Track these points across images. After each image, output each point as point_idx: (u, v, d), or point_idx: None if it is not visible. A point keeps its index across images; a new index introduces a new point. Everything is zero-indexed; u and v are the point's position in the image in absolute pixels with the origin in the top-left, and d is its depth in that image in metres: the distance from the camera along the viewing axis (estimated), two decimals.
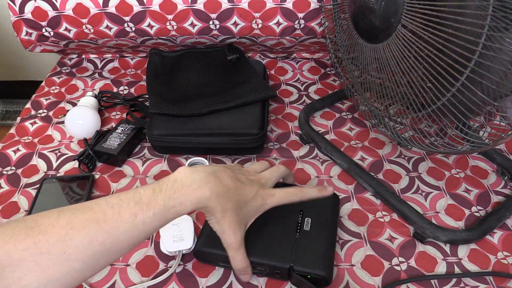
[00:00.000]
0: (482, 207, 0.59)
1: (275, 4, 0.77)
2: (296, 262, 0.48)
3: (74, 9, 0.78)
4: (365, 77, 0.63)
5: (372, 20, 0.54)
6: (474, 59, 0.43)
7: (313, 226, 0.51)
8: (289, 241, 0.50)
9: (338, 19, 0.71)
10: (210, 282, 0.51)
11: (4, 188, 0.63)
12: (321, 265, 0.48)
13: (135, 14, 0.78)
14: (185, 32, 0.81)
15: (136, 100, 0.77)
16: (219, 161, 0.67)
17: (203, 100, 0.69)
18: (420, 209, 0.59)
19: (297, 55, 0.92)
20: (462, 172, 0.65)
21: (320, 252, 0.49)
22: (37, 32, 0.82)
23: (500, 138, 0.45)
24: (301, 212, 0.53)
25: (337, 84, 0.84)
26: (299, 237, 0.50)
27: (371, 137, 0.71)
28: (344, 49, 0.70)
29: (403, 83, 0.53)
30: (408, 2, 0.48)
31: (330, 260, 0.50)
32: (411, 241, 0.55)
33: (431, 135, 0.55)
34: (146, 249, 0.54)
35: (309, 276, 0.47)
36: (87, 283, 0.50)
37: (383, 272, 0.52)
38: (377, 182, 0.61)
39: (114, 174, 0.65)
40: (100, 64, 0.90)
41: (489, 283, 0.50)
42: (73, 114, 0.69)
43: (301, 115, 0.73)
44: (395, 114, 0.60)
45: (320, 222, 0.52)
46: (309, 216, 0.52)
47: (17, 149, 0.69)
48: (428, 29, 0.46)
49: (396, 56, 0.52)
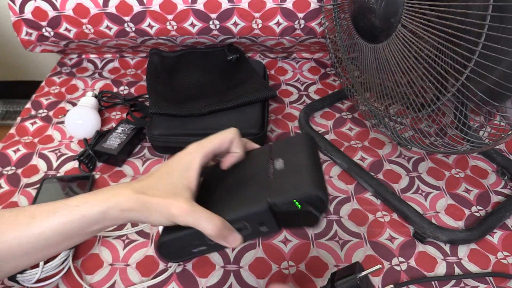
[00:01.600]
0: (482, 207, 0.59)
1: (275, 4, 0.77)
2: (273, 195, 0.36)
3: (74, 9, 0.78)
4: (365, 77, 0.63)
5: (372, 20, 0.54)
6: (474, 59, 0.43)
7: (287, 164, 0.39)
8: (261, 184, 0.38)
9: (338, 19, 0.71)
10: (210, 282, 0.51)
11: (4, 188, 0.63)
12: (308, 184, 0.36)
13: (135, 14, 0.78)
14: (185, 32, 0.81)
15: (136, 100, 0.77)
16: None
17: (203, 100, 0.69)
18: (420, 209, 0.59)
19: (297, 55, 0.92)
20: (462, 172, 0.65)
21: (302, 174, 0.37)
22: (37, 32, 0.82)
23: (500, 138, 0.45)
24: (270, 160, 0.41)
25: (337, 84, 0.84)
26: (273, 177, 0.38)
27: (371, 137, 0.71)
28: (344, 49, 0.70)
29: (403, 83, 0.53)
30: (408, 2, 0.48)
31: (320, 178, 0.37)
32: (411, 241, 0.55)
33: (431, 135, 0.55)
34: (146, 249, 0.54)
35: (299, 206, 0.35)
36: (87, 283, 0.50)
37: (383, 272, 0.52)
38: (377, 182, 0.61)
39: (114, 174, 0.65)
40: (100, 64, 0.90)
41: (489, 283, 0.50)
42: (73, 114, 0.69)
43: (301, 115, 0.73)
44: (395, 114, 0.61)
45: (295, 159, 0.39)
46: (279, 158, 0.40)
47: (17, 149, 0.69)
48: (428, 29, 0.46)
49: (396, 56, 0.52)
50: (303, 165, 0.38)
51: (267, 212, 0.36)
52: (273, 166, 0.39)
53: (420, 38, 0.48)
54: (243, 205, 0.37)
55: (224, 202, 0.39)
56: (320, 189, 0.35)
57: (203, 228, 0.35)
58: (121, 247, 0.54)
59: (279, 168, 0.39)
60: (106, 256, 0.53)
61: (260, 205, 0.36)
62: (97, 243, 0.55)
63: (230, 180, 0.41)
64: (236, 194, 0.39)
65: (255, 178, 0.39)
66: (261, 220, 0.37)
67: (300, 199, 0.35)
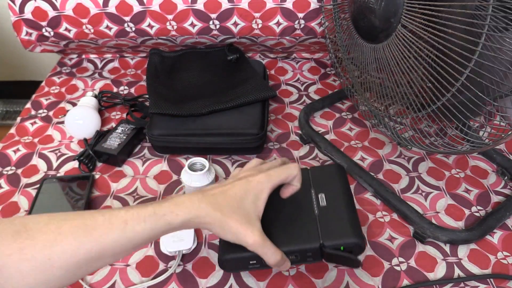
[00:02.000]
0: (482, 207, 0.59)
1: (275, 4, 0.77)
2: (324, 238, 0.45)
3: (74, 9, 0.78)
4: (365, 77, 0.63)
5: (372, 20, 0.54)
6: (474, 59, 0.43)
7: (329, 200, 0.49)
8: (310, 220, 0.47)
9: (338, 19, 0.71)
10: (210, 283, 0.51)
11: (4, 188, 0.63)
12: (351, 233, 0.46)
13: (135, 14, 0.78)
14: (185, 32, 0.81)
15: (136, 100, 0.77)
16: (219, 161, 0.67)
17: (203, 100, 0.69)
18: (420, 209, 0.59)
19: (297, 55, 0.92)
20: (462, 172, 0.65)
21: (345, 220, 0.47)
22: (37, 32, 0.82)
23: (500, 138, 0.45)
24: (312, 191, 0.51)
25: (337, 84, 0.84)
26: (319, 214, 0.48)
27: (371, 137, 0.71)
28: (344, 49, 0.70)
29: (403, 83, 0.53)
30: (408, 2, 0.48)
31: (358, 226, 0.47)
32: (411, 241, 0.55)
33: (431, 135, 0.55)
34: (146, 249, 0.54)
35: (342, 248, 0.45)
36: (87, 283, 0.50)
37: (383, 272, 0.52)
38: (377, 182, 0.61)
39: (114, 174, 0.65)
40: (100, 64, 0.90)
41: (489, 283, 0.50)
42: (73, 114, 0.69)
43: (301, 115, 0.73)
44: (395, 114, 0.60)
45: (333, 194, 0.50)
46: (321, 192, 0.50)
47: (17, 149, 0.69)
48: (428, 29, 0.46)
49: (396, 56, 0.52)
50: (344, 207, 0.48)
51: (318, 249, 0.46)
52: (318, 201, 0.49)
53: (420, 38, 0.48)
54: (298, 241, 0.46)
55: (281, 233, 0.47)
56: (360, 238, 0.45)
57: (267, 259, 0.43)
58: None
59: (323, 205, 0.49)
60: None
61: (313, 244, 0.45)
62: None
63: (282, 208, 0.49)
64: (290, 227, 0.48)
65: (304, 212, 0.49)
66: (310, 253, 0.46)
67: (345, 245, 0.45)
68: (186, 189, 0.61)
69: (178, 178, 0.64)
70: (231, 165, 0.66)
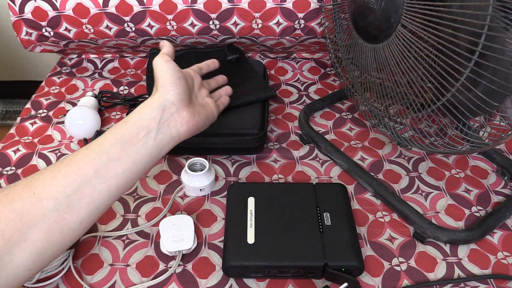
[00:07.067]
0: (482, 207, 0.59)
1: (275, 4, 0.77)
2: (329, 258, 0.48)
3: (74, 9, 0.78)
4: (365, 77, 0.63)
5: (372, 20, 0.54)
6: (474, 59, 0.43)
7: (333, 220, 0.52)
8: (316, 238, 0.50)
9: (338, 19, 0.71)
10: (210, 283, 0.51)
11: None
12: (353, 256, 0.49)
13: (135, 14, 0.78)
14: (185, 32, 0.81)
15: (136, 100, 0.77)
16: (219, 161, 0.67)
17: None
18: (420, 209, 0.59)
19: (297, 55, 0.92)
20: (462, 172, 0.65)
21: (348, 243, 0.50)
22: (37, 32, 0.82)
23: (500, 138, 0.45)
24: (318, 208, 0.54)
25: (337, 84, 0.84)
26: (324, 233, 0.51)
27: (371, 137, 0.71)
28: (344, 49, 0.70)
29: (403, 83, 0.53)
30: (408, 2, 0.48)
31: (359, 249, 0.50)
32: (411, 241, 0.55)
33: (431, 135, 0.55)
34: (146, 249, 0.54)
35: (343, 269, 0.48)
36: (87, 283, 0.50)
37: (383, 273, 0.52)
38: (377, 182, 0.61)
39: None
40: (100, 64, 0.90)
41: (489, 283, 0.50)
42: (73, 114, 0.69)
43: (301, 115, 0.73)
44: (395, 114, 0.60)
45: (338, 214, 0.53)
46: (326, 210, 0.53)
47: (17, 149, 0.69)
48: (428, 29, 0.46)
49: (396, 56, 0.52)
50: (347, 229, 0.52)
51: (321, 267, 0.48)
52: (323, 219, 0.52)
53: (420, 38, 0.48)
54: (304, 258, 0.49)
55: (285, 246, 0.50)
56: (362, 262, 0.49)
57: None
58: (121, 247, 0.54)
59: (327, 224, 0.52)
60: (106, 256, 0.53)
61: (318, 263, 0.48)
62: (97, 243, 0.55)
63: (288, 221, 0.52)
64: (295, 241, 0.50)
65: (310, 228, 0.51)
66: (312, 270, 0.49)
67: (346, 267, 0.48)
68: (186, 189, 0.61)
69: (178, 178, 0.64)
70: (231, 165, 0.66)
